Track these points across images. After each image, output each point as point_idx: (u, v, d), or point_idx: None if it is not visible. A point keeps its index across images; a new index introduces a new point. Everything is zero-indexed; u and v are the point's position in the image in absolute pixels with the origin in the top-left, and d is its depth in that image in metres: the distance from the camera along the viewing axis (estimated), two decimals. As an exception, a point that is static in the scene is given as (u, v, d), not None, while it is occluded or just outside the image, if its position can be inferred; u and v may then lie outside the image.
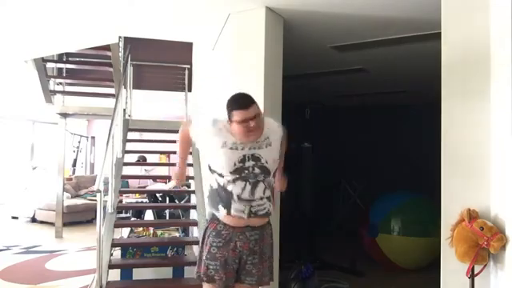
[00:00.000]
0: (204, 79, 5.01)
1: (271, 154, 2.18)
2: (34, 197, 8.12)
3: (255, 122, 2.08)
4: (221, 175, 2.13)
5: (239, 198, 2.09)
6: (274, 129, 2.25)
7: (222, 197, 2.13)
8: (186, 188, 5.22)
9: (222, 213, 2.12)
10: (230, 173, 2.09)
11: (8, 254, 5.47)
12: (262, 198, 2.14)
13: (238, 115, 2.08)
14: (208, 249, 2.14)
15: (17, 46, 4.77)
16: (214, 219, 2.17)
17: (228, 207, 2.10)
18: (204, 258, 2.15)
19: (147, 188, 7.46)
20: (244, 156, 2.12)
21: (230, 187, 2.10)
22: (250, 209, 2.11)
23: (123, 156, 4.35)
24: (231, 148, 2.11)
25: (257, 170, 2.13)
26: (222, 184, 2.13)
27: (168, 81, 5.66)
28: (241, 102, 2.14)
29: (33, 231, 7.25)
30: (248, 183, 2.10)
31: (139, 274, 3.76)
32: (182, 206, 5.79)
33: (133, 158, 6.33)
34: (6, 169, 9.50)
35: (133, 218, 6.52)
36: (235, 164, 2.09)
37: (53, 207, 6.95)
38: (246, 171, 2.10)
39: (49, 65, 6.35)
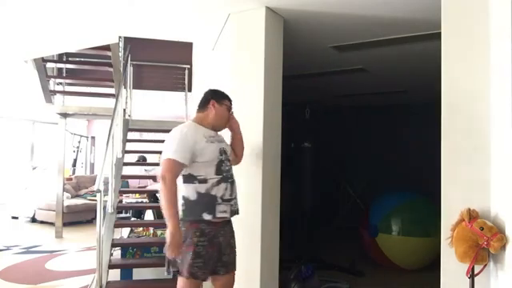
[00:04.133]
0: (204, 79, 5.00)
1: (228, 148, 2.45)
2: (34, 197, 8.12)
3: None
4: (203, 181, 2.22)
5: (222, 199, 2.23)
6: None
7: (205, 203, 2.21)
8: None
9: (206, 219, 2.22)
10: (216, 173, 2.24)
11: (8, 254, 5.47)
12: (235, 197, 2.36)
13: (227, 104, 2.47)
14: (193, 248, 2.19)
15: (17, 45, 4.77)
16: (195, 221, 2.22)
17: (213, 211, 2.21)
18: (189, 257, 2.19)
19: (147, 188, 7.46)
20: (220, 149, 2.32)
21: (213, 191, 2.22)
22: (231, 208, 2.29)
23: (123, 156, 4.35)
24: (211, 142, 2.30)
25: (228, 164, 2.35)
26: (203, 191, 2.21)
27: (168, 81, 5.67)
28: (228, 96, 2.51)
29: (33, 231, 7.25)
30: (228, 184, 2.28)
31: (139, 274, 3.76)
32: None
33: (133, 158, 6.33)
34: (6, 169, 9.50)
35: (133, 218, 6.52)
36: (218, 157, 2.28)
37: (53, 207, 6.95)
38: (224, 164, 2.30)
39: (49, 65, 6.35)
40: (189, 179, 2.24)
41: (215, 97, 2.43)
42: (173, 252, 2.13)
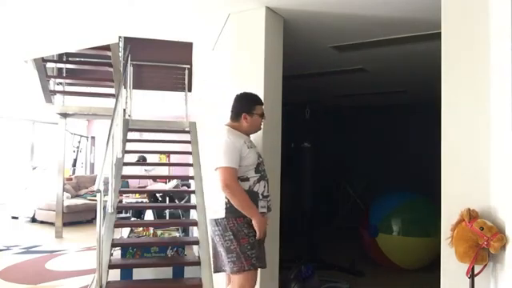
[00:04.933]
0: (204, 79, 5.00)
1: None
2: (34, 197, 8.12)
3: None
4: (245, 179, 2.39)
5: (263, 195, 2.41)
6: None
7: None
8: (185, 188, 5.21)
9: None
10: (255, 172, 2.40)
11: (8, 254, 5.47)
12: (270, 194, 2.51)
13: (260, 109, 2.55)
14: (247, 240, 2.32)
15: (17, 45, 4.77)
16: (240, 216, 2.34)
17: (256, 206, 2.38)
18: (245, 250, 2.31)
19: (147, 188, 7.47)
20: (257, 153, 2.50)
21: (256, 188, 2.40)
22: (267, 204, 2.45)
23: (123, 156, 4.34)
24: (251, 147, 2.46)
25: (263, 166, 2.50)
26: (246, 188, 2.37)
27: (168, 81, 5.65)
28: (259, 99, 2.59)
29: (33, 231, 7.25)
30: (266, 182, 2.42)
31: (139, 274, 3.76)
32: (182, 206, 5.79)
33: (133, 158, 6.33)
34: (6, 169, 9.49)
35: (133, 218, 6.52)
36: (257, 160, 2.44)
37: (53, 207, 6.95)
38: (261, 166, 2.47)
39: (49, 65, 6.33)
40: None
41: (246, 109, 2.52)
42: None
